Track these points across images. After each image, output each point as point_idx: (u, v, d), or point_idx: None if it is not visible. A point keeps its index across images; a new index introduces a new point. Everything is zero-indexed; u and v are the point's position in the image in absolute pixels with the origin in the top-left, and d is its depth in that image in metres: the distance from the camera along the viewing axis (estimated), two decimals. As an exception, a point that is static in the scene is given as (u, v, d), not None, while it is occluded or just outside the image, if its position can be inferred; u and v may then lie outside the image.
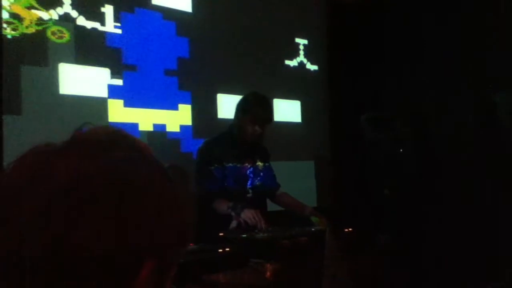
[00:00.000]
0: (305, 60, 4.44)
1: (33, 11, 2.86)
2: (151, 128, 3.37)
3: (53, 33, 2.94)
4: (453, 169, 3.81)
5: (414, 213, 3.70)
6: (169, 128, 3.47)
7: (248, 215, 2.31)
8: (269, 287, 1.77)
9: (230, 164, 2.64)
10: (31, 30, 2.86)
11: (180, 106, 3.54)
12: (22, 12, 2.82)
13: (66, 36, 2.98)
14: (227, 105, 3.60)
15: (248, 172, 2.70)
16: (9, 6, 2.77)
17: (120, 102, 3.24)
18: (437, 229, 3.62)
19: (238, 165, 2.67)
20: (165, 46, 3.50)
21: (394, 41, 4.23)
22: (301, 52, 4.42)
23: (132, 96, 3.29)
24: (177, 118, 3.52)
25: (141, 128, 3.32)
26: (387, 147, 4.04)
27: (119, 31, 3.26)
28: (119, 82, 3.20)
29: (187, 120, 3.57)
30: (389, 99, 4.21)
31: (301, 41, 4.43)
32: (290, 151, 4.08)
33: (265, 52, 4.08)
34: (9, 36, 2.76)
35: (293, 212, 2.71)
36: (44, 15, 2.90)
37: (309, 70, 4.48)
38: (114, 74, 3.19)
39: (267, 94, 2.80)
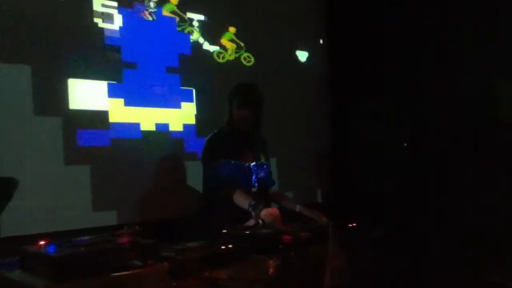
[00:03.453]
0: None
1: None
2: (153, 128, 3.31)
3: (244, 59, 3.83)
4: (452, 161, 3.78)
5: (413, 206, 3.69)
6: (172, 128, 3.41)
7: (268, 214, 2.28)
8: (271, 283, 1.75)
9: (234, 159, 2.62)
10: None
11: (183, 104, 3.50)
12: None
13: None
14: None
15: (251, 165, 2.68)
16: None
17: (121, 101, 3.18)
18: (436, 221, 3.60)
19: (241, 159, 2.63)
20: (166, 43, 3.44)
21: (391, 30, 4.19)
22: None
23: (133, 94, 3.23)
24: (180, 116, 3.47)
25: (143, 127, 3.26)
26: (385, 138, 4.01)
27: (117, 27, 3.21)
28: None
29: (191, 119, 3.53)
30: (387, 89, 4.17)
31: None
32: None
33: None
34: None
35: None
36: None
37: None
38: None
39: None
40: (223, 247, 1.81)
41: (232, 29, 3.83)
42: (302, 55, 4.38)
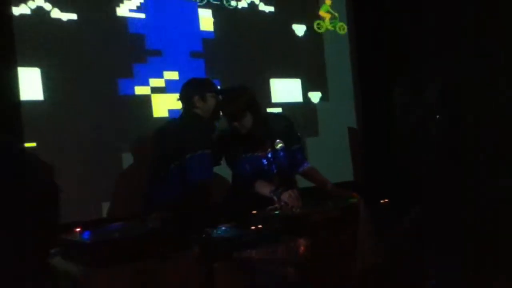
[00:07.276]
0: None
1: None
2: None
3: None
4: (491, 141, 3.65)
5: (451, 183, 3.59)
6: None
7: (286, 196, 2.27)
8: (302, 263, 1.75)
9: (249, 153, 2.58)
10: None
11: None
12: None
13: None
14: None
15: (268, 154, 2.64)
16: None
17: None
18: (475, 200, 3.49)
19: (255, 151, 2.57)
20: (189, 28, 3.43)
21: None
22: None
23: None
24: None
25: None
26: (420, 114, 3.91)
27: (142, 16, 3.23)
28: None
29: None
30: (421, 63, 4.07)
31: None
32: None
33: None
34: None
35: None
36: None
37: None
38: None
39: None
40: (253, 228, 1.82)
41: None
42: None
